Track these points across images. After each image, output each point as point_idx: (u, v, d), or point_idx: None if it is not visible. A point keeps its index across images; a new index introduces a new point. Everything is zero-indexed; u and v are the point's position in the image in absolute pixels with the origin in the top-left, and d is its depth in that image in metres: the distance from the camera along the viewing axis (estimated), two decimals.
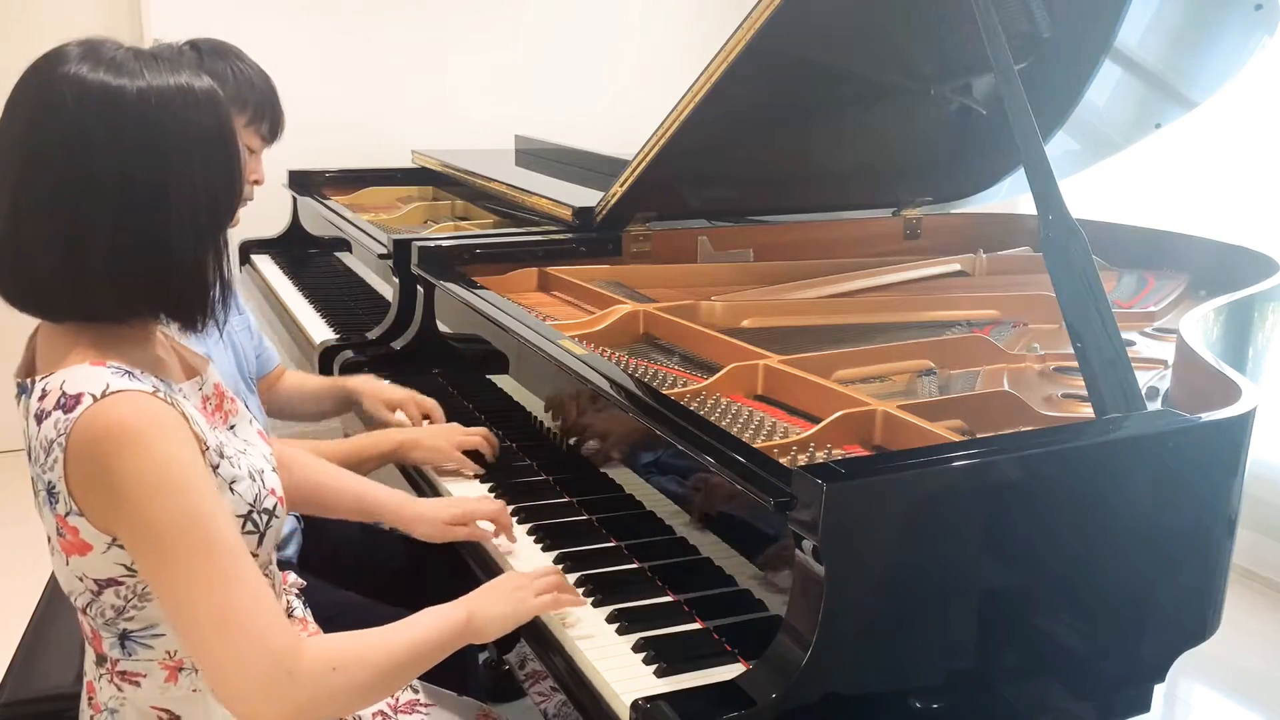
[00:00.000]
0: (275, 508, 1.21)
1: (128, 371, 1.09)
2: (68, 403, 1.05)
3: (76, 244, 1.07)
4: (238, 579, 1.06)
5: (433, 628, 1.20)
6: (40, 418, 1.08)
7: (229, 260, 1.17)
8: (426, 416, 1.93)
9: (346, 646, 1.14)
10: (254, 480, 1.19)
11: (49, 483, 1.07)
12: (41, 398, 1.08)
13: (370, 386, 2.01)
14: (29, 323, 1.18)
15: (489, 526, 1.52)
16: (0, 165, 1.09)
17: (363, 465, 1.72)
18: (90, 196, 1.06)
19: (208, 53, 1.78)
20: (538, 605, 1.28)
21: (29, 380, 1.12)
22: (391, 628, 1.18)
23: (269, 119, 1.83)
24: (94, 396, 1.05)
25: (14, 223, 1.08)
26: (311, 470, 1.56)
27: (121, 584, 1.11)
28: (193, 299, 1.13)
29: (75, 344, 1.11)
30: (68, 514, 1.08)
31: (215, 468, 1.14)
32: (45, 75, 1.08)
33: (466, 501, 1.54)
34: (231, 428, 1.27)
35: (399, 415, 1.94)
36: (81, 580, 1.12)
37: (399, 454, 1.76)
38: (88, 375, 1.07)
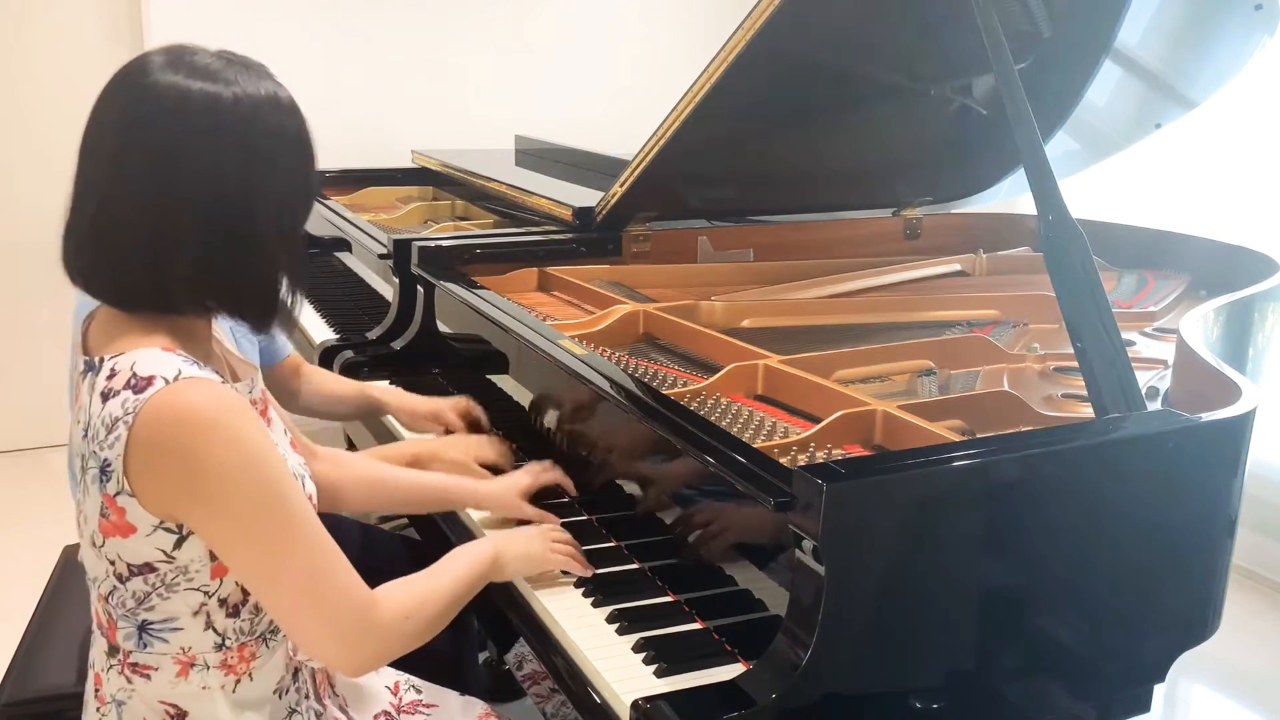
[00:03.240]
0: None
1: (195, 361, 1.12)
2: (138, 384, 1.07)
3: (167, 244, 1.10)
4: (319, 547, 1.15)
5: (468, 565, 1.32)
6: (106, 395, 1.09)
7: (304, 263, 1.21)
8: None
9: (410, 595, 1.23)
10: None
11: (104, 460, 1.09)
12: (110, 376, 1.10)
13: (397, 399, 1.97)
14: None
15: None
16: (89, 167, 1.12)
17: None
18: (184, 199, 1.09)
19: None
20: (553, 560, 1.40)
21: (98, 358, 1.13)
22: (437, 570, 1.29)
23: None
24: (166, 380, 1.07)
25: (102, 221, 1.11)
26: (374, 467, 1.58)
27: (155, 570, 1.12)
28: (265, 297, 1.17)
29: (138, 329, 1.13)
30: (118, 494, 1.09)
31: None
32: (138, 81, 1.11)
33: (532, 471, 1.60)
34: None
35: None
36: (113, 564, 1.13)
37: (417, 467, 1.73)
38: (159, 359, 1.09)
